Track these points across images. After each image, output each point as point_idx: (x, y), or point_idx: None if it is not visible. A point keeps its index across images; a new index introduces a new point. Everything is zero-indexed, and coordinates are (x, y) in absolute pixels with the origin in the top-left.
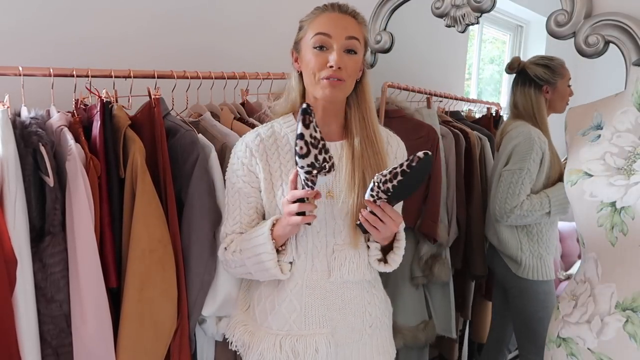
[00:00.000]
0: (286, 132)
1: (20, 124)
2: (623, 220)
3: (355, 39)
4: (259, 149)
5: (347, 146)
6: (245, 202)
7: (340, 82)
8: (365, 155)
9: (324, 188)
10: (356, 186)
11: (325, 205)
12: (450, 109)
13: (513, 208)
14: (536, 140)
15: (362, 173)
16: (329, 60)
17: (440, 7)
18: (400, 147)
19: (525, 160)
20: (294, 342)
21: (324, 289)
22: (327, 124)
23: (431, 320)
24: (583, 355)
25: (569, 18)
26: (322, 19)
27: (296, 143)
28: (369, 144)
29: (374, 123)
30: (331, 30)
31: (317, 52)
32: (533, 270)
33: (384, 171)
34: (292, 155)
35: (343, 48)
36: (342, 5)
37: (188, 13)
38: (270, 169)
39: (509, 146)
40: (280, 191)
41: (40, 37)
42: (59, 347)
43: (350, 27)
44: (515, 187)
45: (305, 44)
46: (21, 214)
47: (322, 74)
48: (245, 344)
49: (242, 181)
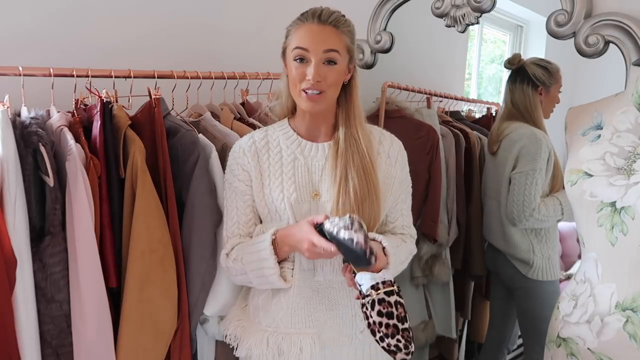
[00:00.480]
0: (278, 135)
1: (20, 124)
2: (623, 220)
3: (334, 51)
4: (251, 150)
5: (333, 146)
6: (242, 201)
7: (319, 95)
8: (349, 152)
9: (309, 188)
10: (337, 183)
11: (310, 204)
12: (450, 109)
13: (532, 211)
14: (543, 140)
15: (345, 170)
16: (307, 74)
17: (440, 7)
18: (394, 146)
19: (535, 161)
20: (279, 339)
21: (311, 289)
22: (316, 127)
23: (431, 320)
24: (583, 355)
25: (569, 18)
26: (302, 31)
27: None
28: (353, 141)
29: (357, 121)
30: (309, 45)
31: (297, 65)
32: (543, 271)
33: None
34: (280, 157)
35: (322, 61)
36: (323, 14)
37: (188, 14)
38: (260, 168)
39: (514, 149)
40: (268, 190)
41: (41, 37)
42: (59, 347)
43: (329, 40)
44: (530, 189)
45: (288, 53)
46: (21, 214)
47: (302, 86)
48: (238, 337)
49: (237, 180)
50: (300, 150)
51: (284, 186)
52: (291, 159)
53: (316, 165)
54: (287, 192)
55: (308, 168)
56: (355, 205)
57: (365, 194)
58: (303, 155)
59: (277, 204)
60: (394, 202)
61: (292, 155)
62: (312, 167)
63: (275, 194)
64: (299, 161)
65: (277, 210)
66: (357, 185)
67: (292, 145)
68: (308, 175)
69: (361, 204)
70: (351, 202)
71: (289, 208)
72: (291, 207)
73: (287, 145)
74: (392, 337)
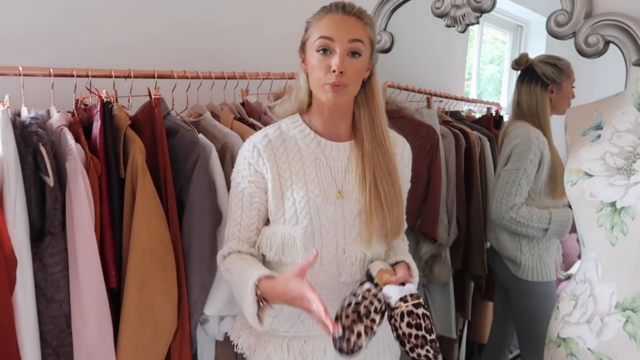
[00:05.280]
0: (294, 132)
1: (20, 124)
2: (623, 220)
3: (359, 41)
4: (266, 150)
5: (356, 146)
6: (248, 203)
7: (342, 87)
8: (375, 155)
9: (334, 188)
10: (367, 186)
11: (335, 205)
12: (450, 109)
13: (508, 209)
14: (534, 140)
15: (373, 173)
16: (331, 65)
17: (440, 7)
18: (406, 148)
19: (522, 161)
20: (302, 343)
21: (335, 290)
22: (335, 125)
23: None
24: (583, 355)
25: (569, 18)
26: (326, 21)
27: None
28: (378, 144)
29: (383, 123)
30: (334, 34)
31: (320, 56)
32: (533, 271)
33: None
34: (300, 156)
35: (346, 51)
36: (346, 6)
37: (188, 13)
38: (278, 169)
39: (508, 147)
40: (289, 192)
41: (41, 37)
42: (59, 347)
43: (353, 30)
44: (511, 187)
45: (309, 46)
46: (21, 214)
47: (326, 79)
48: (251, 346)
49: (247, 181)
50: (320, 150)
51: (309, 188)
52: (312, 159)
53: (338, 166)
54: (312, 195)
55: (330, 169)
56: (387, 210)
57: (394, 198)
58: (324, 155)
59: (300, 206)
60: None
61: (312, 154)
62: (334, 167)
63: (298, 196)
64: (321, 161)
65: (297, 212)
66: (386, 189)
67: (312, 144)
68: (331, 177)
69: (391, 208)
70: (382, 206)
71: (315, 211)
72: (317, 210)
73: (307, 144)
74: (421, 348)
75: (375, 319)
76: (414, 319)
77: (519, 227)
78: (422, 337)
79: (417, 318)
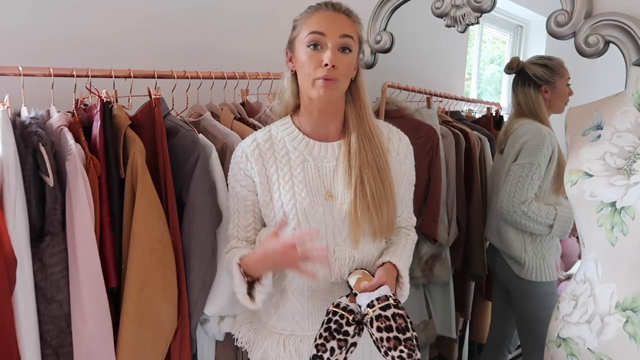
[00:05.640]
0: (282, 135)
1: (20, 124)
2: (623, 220)
3: (349, 37)
4: (254, 154)
5: (345, 145)
6: (243, 206)
7: (333, 81)
8: (362, 152)
9: (322, 189)
10: (353, 184)
11: (324, 207)
12: (450, 109)
13: (520, 203)
14: (547, 136)
15: (359, 170)
16: (323, 59)
17: (440, 7)
18: (403, 142)
19: (535, 155)
20: (297, 342)
21: (327, 290)
22: (324, 125)
23: (431, 320)
24: (583, 355)
25: (569, 18)
26: (316, 17)
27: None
28: (366, 140)
29: (370, 119)
30: (325, 29)
31: (311, 52)
32: (536, 271)
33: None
34: (288, 159)
35: (337, 46)
36: (335, 4)
37: (188, 13)
38: (266, 172)
39: (517, 144)
40: (277, 195)
41: (41, 37)
42: (59, 347)
43: (344, 26)
44: (524, 181)
45: (299, 42)
46: (21, 214)
47: (317, 74)
48: (250, 340)
49: (239, 185)
50: (308, 152)
51: (295, 191)
52: (300, 161)
53: (327, 167)
54: (299, 197)
55: (318, 170)
56: (374, 208)
57: (382, 196)
58: (312, 156)
59: (288, 209)
60: (401, 197)
61: (300, 157)
62: (322, 168)
63: (285, 199)
64: (309, 163)
65: (286, 215)
66: (373, 187)
67: (300, 146)
68: (319, 178)
69: (379, 206)
70: (369, 204)
71: (302, 213)
72: (304, 213)
73: (294, 146)
74: (394, 349)
75: (349, 331)
76: (382, 322)
77: (529, 222)
78: (394, 339)
79: (385, 320)
